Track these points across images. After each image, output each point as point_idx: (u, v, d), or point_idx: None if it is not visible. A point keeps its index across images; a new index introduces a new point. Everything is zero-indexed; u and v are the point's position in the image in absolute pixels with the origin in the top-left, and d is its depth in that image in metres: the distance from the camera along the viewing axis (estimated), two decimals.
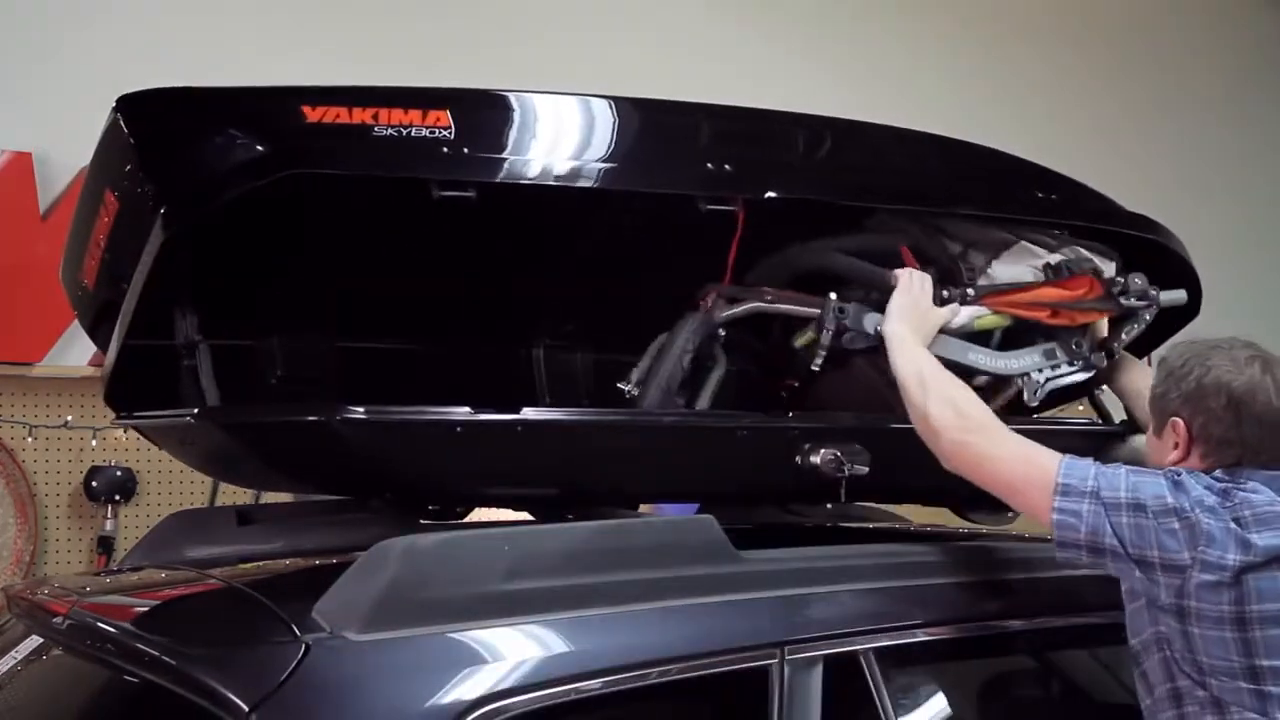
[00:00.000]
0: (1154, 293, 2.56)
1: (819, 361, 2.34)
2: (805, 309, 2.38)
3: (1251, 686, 1.91)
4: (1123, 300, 2.53)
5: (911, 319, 2.30)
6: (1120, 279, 2.53)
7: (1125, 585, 2.05)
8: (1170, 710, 2.01)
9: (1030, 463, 2.06)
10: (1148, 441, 2.19)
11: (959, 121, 3.09)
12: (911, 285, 2.33)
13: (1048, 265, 2.50)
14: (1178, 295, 2.62)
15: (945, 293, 2.38)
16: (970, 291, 2.41)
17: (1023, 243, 2.51)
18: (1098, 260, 2.53)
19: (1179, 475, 1.99)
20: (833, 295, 2.34)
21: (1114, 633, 2.12)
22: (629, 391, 2.41)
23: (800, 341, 2.40)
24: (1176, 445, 2.07)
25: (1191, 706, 1.98)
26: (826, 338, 2.32)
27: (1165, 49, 6.60)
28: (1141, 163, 5.98)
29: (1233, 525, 1.92)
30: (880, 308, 2.34)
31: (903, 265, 2.39)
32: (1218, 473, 2.02)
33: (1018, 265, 2.49)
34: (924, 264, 2.44)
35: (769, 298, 2.41)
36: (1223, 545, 1.91)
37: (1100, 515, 1.96)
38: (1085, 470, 2.01)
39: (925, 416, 2.17)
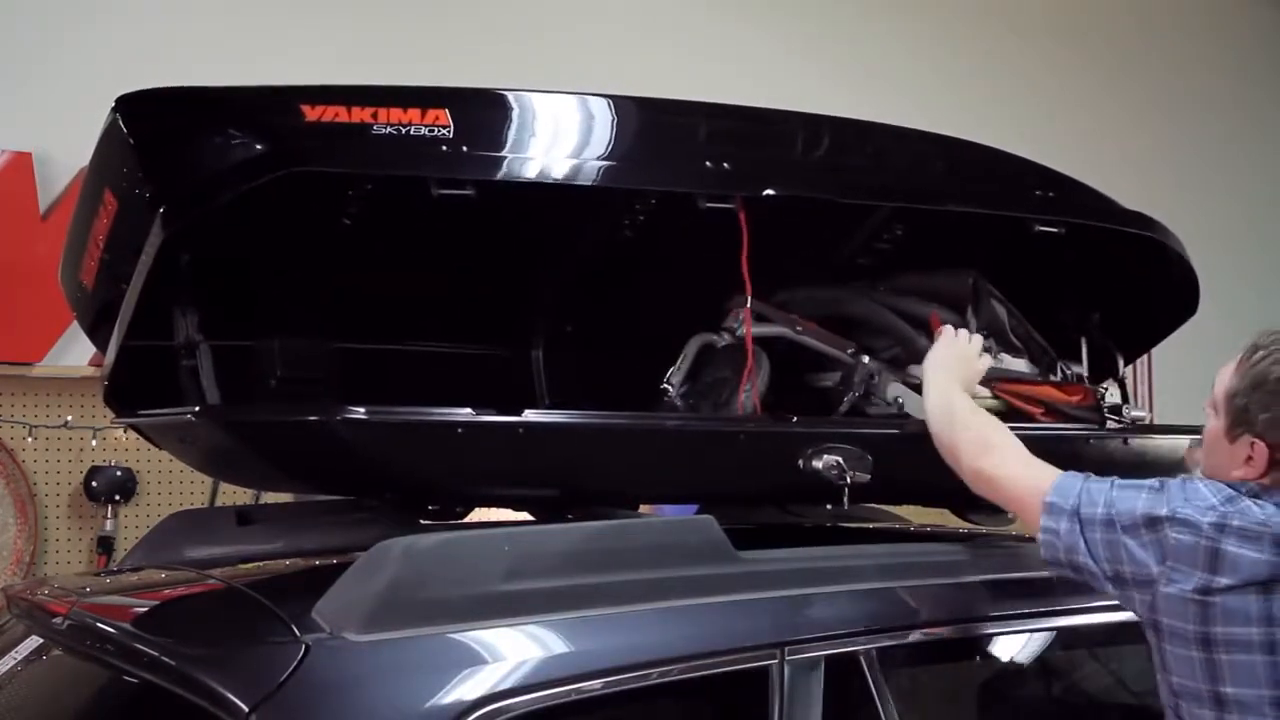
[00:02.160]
0: (1139, 414, 2.71)
1: (841, 411, 2.44)
2: (832, 350, 2.49)
3: (1215, 714, 1.83)
4: (1108, 419, 2.64)
5: (954, 366, 2.31)
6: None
7: (1097, 588, 1.99)
8: None
9: (1033, 481, 2.03)
10: (1209, 435, 2.01)
11: (958, 120, 3.09)
12: (957, 339, 2.36)
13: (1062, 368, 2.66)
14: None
15: None
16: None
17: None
18: None
19: (1163, 484, 1.92)
20: (866, 358, 2.44)
21: (1113, 633, 2.12)
22: (668, 392, 2.44)
23: (821, 384, 2.50)
24: (1250, 460, 1.92)
25: None
26: (853, 398, 2.43)
27: (1165, 48, 6.60)
28: (1141, 161, 5.97)
29: (1205, 540, 1.83)
30: (899, 363, 2.45)
31: (930, 329, 2.44)
32: (1254, 484, 1.91)
33: (1020, 362, 2.61)
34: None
35: (798, 328, 2.50)
36: (1191, 559, 1.83)
37: (1075, 533, 1.93)
38: (1072, 487, 1.97)
39: (951, 445, 2.17)
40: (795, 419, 2.37)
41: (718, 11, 5.39)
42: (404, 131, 2.07)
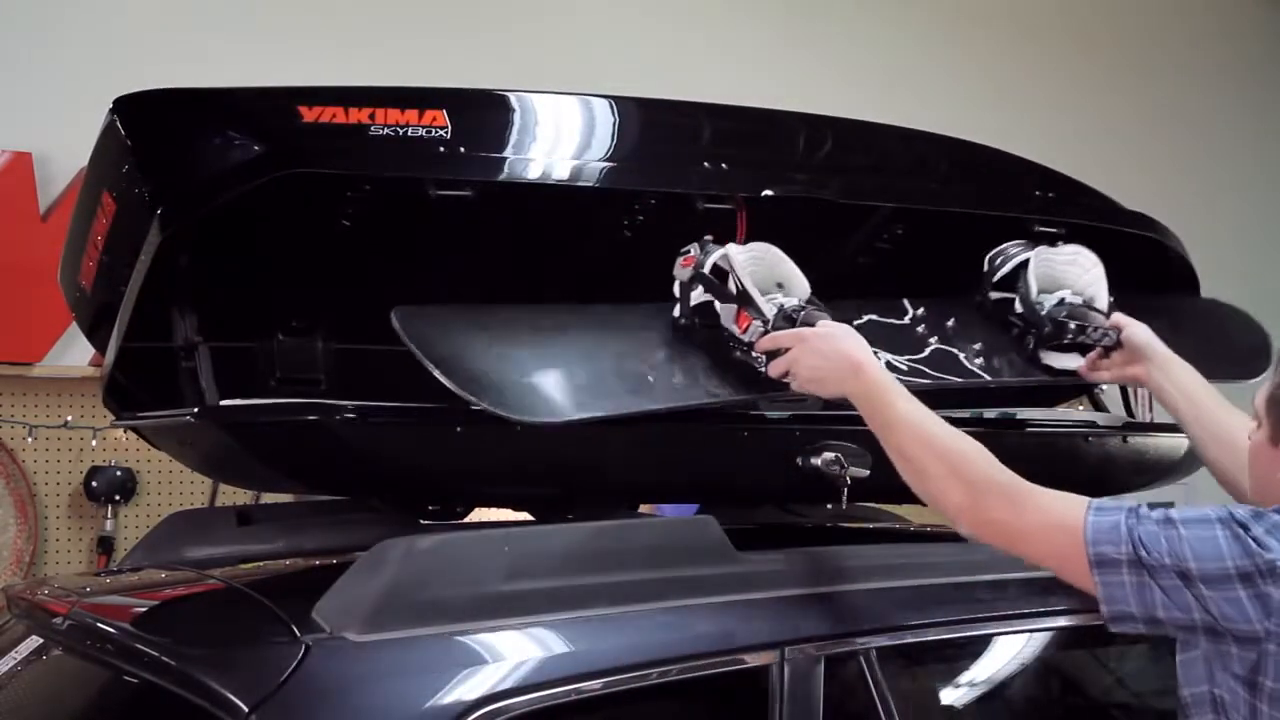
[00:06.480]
0: None
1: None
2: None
3: None
4: None
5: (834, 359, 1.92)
6: None
7: (1183, 638, 1.75)
8: None
9: (1057, 529, 1.73)
10: (1252, 451, 1.83)
11: (959, 120, 3.09)
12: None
13: None
14: None
15: None
16: None
17: None
18: None
19: (1232, 517, 1.66)
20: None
21: (1114, 633, 2.11)
22: None
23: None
24: None
25: None
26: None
27: (1167, 48, 6.60)
28: (1142, 162, 5.97)
29: None
30: None
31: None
32: None
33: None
34: None
35: None
36: None
37: (1148, 587, 1.66)
38: (1116, 530, 1.68)
39: (935, 496, 1.88)
40: (793, 415, 2.38)
41: (717, 12, 5.39)
42: (401, 132, 2.07)
